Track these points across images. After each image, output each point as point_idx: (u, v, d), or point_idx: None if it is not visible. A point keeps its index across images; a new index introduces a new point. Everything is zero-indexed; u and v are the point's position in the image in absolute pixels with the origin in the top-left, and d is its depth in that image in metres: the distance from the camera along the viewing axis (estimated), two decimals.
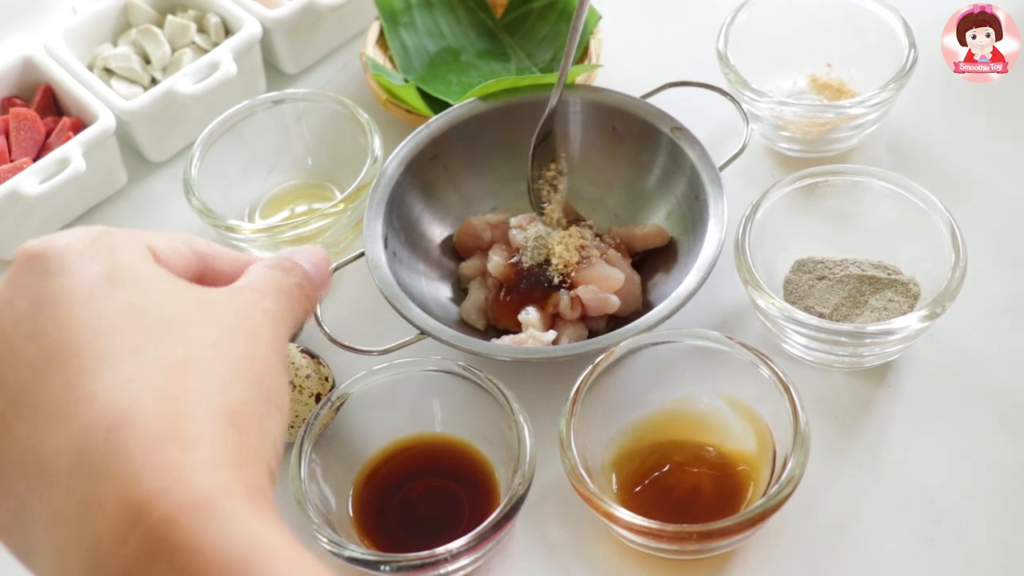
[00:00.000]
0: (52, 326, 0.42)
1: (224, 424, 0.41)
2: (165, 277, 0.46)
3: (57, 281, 0.44)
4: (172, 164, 0.79)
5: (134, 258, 0.45)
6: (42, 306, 0.43)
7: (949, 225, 0.62)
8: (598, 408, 0.58)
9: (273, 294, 0.49)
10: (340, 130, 0.74)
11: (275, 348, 0.46)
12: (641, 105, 0.71)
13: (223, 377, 0.43)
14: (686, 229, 0.68)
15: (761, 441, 0.59)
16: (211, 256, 0.50)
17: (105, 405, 0.40)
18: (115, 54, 0.78)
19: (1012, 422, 0.62)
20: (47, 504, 0.40)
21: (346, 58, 0.85)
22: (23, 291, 0.44)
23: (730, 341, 0.59)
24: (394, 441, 0.62)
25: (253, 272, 0.50)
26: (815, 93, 0.76)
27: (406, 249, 0.69)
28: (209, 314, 0.45)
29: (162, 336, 0.43)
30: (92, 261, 0.44)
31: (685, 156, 0.68)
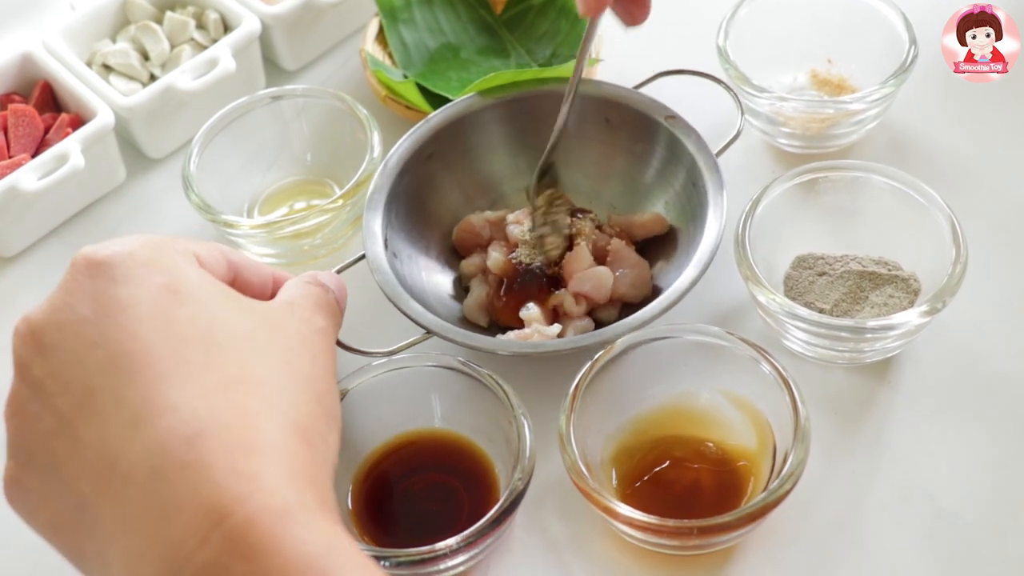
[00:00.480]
0: (120, 334, 0.44)
1: (296, 440, 0.44)
2: (225, 292, 0.48)
3: (123, 290, 0.45)
4: (171, 160, 0.79)
5: (194, 272, 0.47)
6: (108, 314, 0.45)
7: (950, 220, 0.62)
8: (598, 404, 0.58)
9: (321, 311, 0.52)
10: (339, 126, 0.74)
11: (330, 365, 0.49)
12: (633, 96, 0.70)
13: (292, 395, 0.45)
14: (686, 217, 0.68)
15: (761, 436, 0.59)
16: (241, 267, 0.53)
17: (184, 416, 0.42)
18: (114, 51, 0.78)
19: (1013, 417, 0.62)
20: (118, 506, 0.42)
21: (346, 54, 0.84)
22: (86, 297, 0.45)
23: (730, 336, 0.58)
24: (394, 437, 0.62)
25: (296, 289, 0.53)
26: (815, 89, 0.76)
27: (406, 247, 0.69)
28: (272, 332, 0.47)
29: (232, 353, 0.45)
30: (156, 273, 0.46)
31: (681, 144, 0.68)
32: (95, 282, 0.45)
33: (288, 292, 0.53)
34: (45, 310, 0.46)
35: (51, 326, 0.45)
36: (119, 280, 0.45)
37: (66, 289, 0.46)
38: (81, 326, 0.44)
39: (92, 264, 0.46)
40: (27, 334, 0.46)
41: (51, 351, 0.45)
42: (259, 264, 0.55)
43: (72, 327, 0.45)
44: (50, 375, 0.45)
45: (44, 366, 0.45)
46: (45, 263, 0.75)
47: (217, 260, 0.51)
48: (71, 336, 0.45)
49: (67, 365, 0.44)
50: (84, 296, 0.45)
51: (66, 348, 0.45)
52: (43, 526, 0.46)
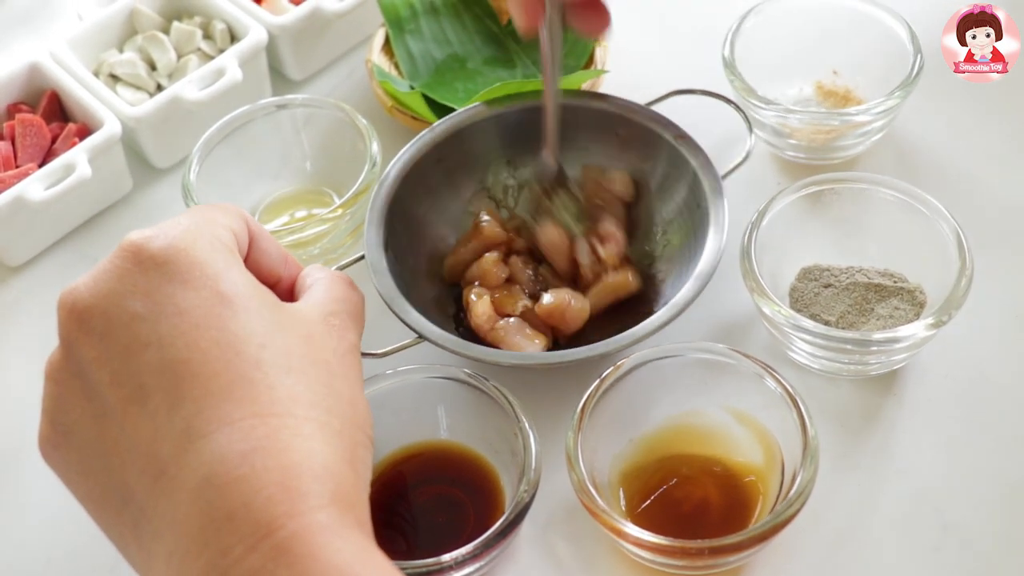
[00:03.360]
0: (177, 340, 0.45)
1: (343, 464, 0.45)
2: (270, 303, 0.48)
3: (178, 292, 0.46)
4: (177, 170, 0.79)
5: (240, 275, 0.48)
6: (163, 315, 0.45)
7: (955, 232, 0.62)
8: (604, 423, 0.58)
9: (353, 321, 0.53)
10: (341, 136, 0.74)
11: (361, 384, 0.51)
12: (645, 112, 0.70)
13: (338, 420, 0.47)
14: (688, 236, 0.67)
15: (768, 453, 0.58)
16: (259, 236, 0.53)
17: (239, 434, 0.43)
18: (121, 60, 0.78)
19: (1020, 430, 0.61)
20: (167, 508, 0.43)
21: (352, 65, 0.84)
22: (138, 292, 0.46)
23: (736, 354, 0.58)
24: (399, 448, 0.62)
25: (328, 291, 0.53)
26: (821, 100, 0.76)
27: (408, 253, 0.69)
28: (315, 352, 0.48)
29: (282, 374, 0.46)
30: (207, 276, 0.47)
31: (687, 164, 0.68)
32: (147, 277, 0.46)
33: (321, 293, 0.53)
34: (92, 292, 0.46)
35: (98, 312, 0.46)
36: (173, 280, 0.46)
37: (115, 276, 0.46)
38: (133, 322, 0.45)
39: (143, 256, 0.46)
40: (72, 311, 0.46)
41: (99, 338, 0.46)
42: (272, 237, 0.55)
43: (123, 320, 0.45)
44: (97, 360, 0.45)
45: (91, 350, 0.46)
46: (51, 273, 0.75)
47: (243, 229, 0.52)
48: (122, 328, 0.45)
49: (117, 356, 0.45)
50: (136, 290, 0.46)
51: (116, 339, 0.45)
52: (83, 498, 0.48)
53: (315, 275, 0.55)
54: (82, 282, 0.47)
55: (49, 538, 0.63)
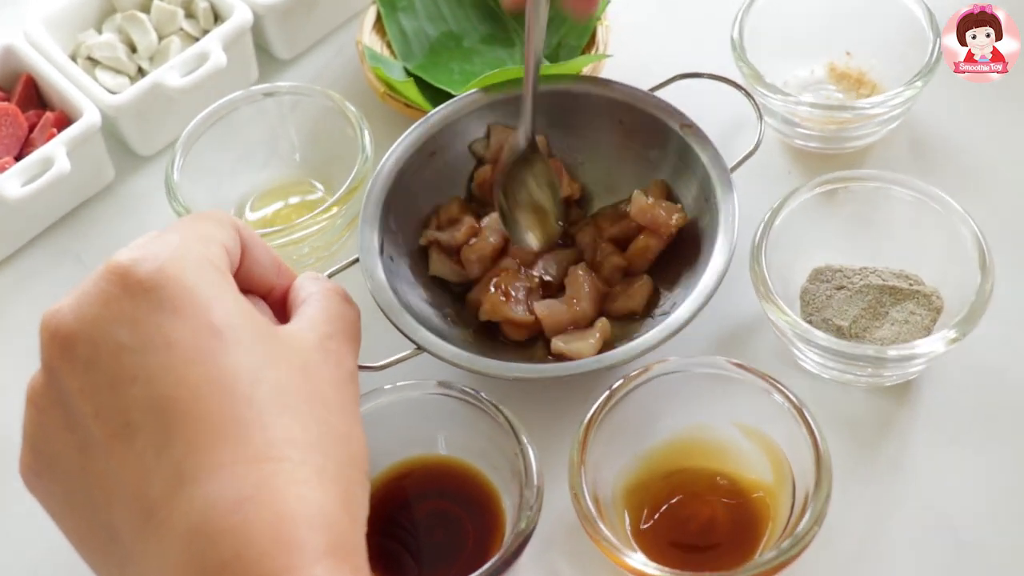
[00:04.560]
0: (165, 376, 0.43)
1: (338, 510, 0.43)
2: (263, 332, 0.46)
3: (167, 323, 0.43)
4: (161, 157, 0.76)
5: (233, 302, 0.46)
6: (151, 347, 0.43)
7: (975, 236, 0.59)
8: (608, 438, 0.56)
9: (351, 343, 0.50)
10: (330, 123, 0.71)
11: (358, 414, 0.48)
12: (649, 99, 0.67)
13: (334, 462, 0.44)
14: (697, 232, 0.65)
15: (778, 469, 0.56)
16: (251, 244, 0.51)
17: (231, 481, 0.42)
18: (100, 43, 0.74)
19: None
20: (155, 552, 0.42)
21: (342, 42, 0.81)
22: (124, 320, 0.43)
23: (742, 369, 0.56)
24: (396, 462, 0.60)
25: (321, 306, 0.50)
26: (833, 83, 0.73)
27: (405, 253, 0.66)
28: (311, 385, 0.46)
29: (276, 414, 0.44)
30: (198, 305, 0.44)
31: (695, 156, 0.65)
32: (134, 304, 0.43)
33: (316, 312, 0.50)
34: (77, 317, 0.44)
35: (84, 339, 0.43)
36: (162, 308, 0.43)
37: (101, 301, 0.44)
38: (120, 353, 0.43)
39: (131, 282, 0.44)
40: (55, 336, 0.44)
41: (83, 367, 0.43)
42: (265, 244, 0.53)
43: (109, 349, 0.43)
44: (81, 391, 0.43)
45: (75, 380, 0.44)
46: (32, 268, 0.73)
47: (235, 241, 0.49)
48: (108, 359, 0.43)
49: (103, 389, 0.43)
50: (123, 318, 0.43)
51: (101, 370, 0.43)
52: (68, 532, 0.46)
53: (309, 288, 0.52)
54: (66, 304, 0.45)
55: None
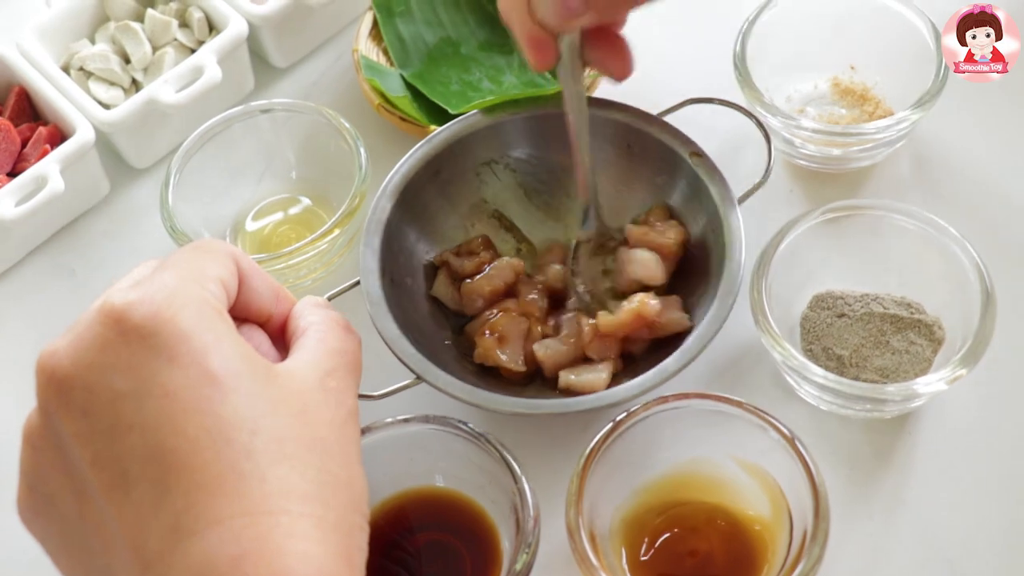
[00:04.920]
0: (163, 425, 0.42)
1: (339, 562, 0.43)
2: (262, 377, 0.45)
3: (164, 370, 0.43)
4: (157, 169, 0.75)
5: (231, 347, 0.45)
6: (148, 395, 0.42)
7: (979, 270, 0.59)
8: (606, 476, 0.56)
9: (352, 377, 0.49)
10: (326, 137, 0.70)
11: (359, 455, 0.47)
12: (658, 125, 0.66)
13: (335, 511, 0.44)
14: (703, 262, 0.64)
15: (776, 504, 0.56)
16: (249, 274, 0.50)
17: (230, 535, 0.41)
18: (93, 54, 0.73)
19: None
20: None
21: (340, 49, 0.80)
22: (121, 366, 0.43)
23: (739, 408, 0.55)
24: (395, 494, 0.60)
25: (321, 338, 0.50)
26: (837, 98, 0.72)
27: (406, 274, 0.65)
28: (310, 430, 0.45)
29: (275, 464, 0.43)
30: (196, 352, 0.43)
31: (704, 187, 0.64)
32: (131, 351, 0.43)
33: (315, 345, 0.49)
34: (74, 361, 0.43)
35: (80, 385, 0.43)
36: (159, 355, 0.43)
37: (97, 346, 0.43)
38: (116, 400, 0.43)
39: (127, 327, 0.43)
40: (52, 379, 0.44)
41: (80, 413, 0.43)
42: (264, 272, 0.52)
43: (105, 396, 0.43)
44: (77, 436, 0.43)
45: (71, 425, 0.43)
46: (26, 284, 0.72)
47: (233, 274, 0.49)
48: (104, 406, 0.43)
49: (99, 437, 0.43)
50: (119, 365, 0.43)
51: (98, 417, 0.43)
52: (63, 570, 0.46)
53: (308, 317, 0.52)
54: (62, 347, 0.44)
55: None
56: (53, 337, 0.45)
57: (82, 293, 0.71)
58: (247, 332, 0.50)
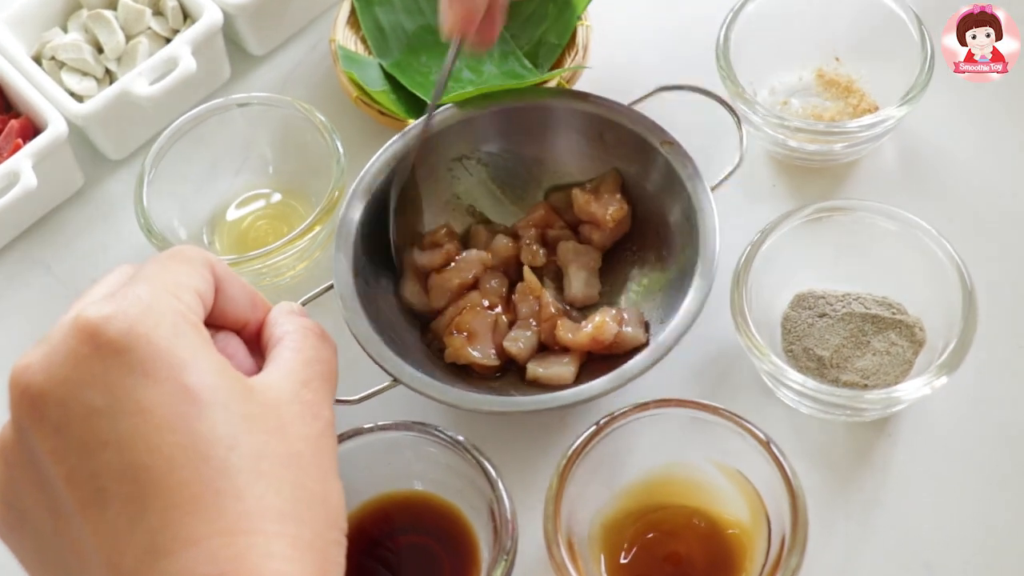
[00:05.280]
0: (138, 442, 0.42)
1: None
2: (238, 393, 0.45)
3: (140, 386, 0.42)
4: (133, 159, 0.74)
5: (207, 362, 0.44)
6: (123, 412, 0.42)
7: (960, 273, 0.58)
8: (585, 481, 0.55)
9: (326, 383, 0.49)
10: (302, 133, 0.69)
11: (335, 467, 0.47)
12: (630, 114, 0.65)
13: (310, 528, 0.44)
14: (677, 252, 0.63)
15: (754, 507, 0.56)
16: (225, 281, 0.49)
17: (206, 556, 0.41)
18: (65, 44, 0.72)
19: (1015, 478, 0.59)
20: None
21: (317, 35, 0.78)
22: (96, 383, 0.42)
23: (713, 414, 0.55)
24: (373, 497, 0.59)
25: (296, 347, 0.49)
26: (821, 89, 0.71)
27: (381, 275, 0.64)
28: (286, 445, 0.45)
29: (251, 482, 0.43)
30: (172, 367, 0.43)
31: (676, 176, 0.63)
32: (105, 366, 0.42)
33: (291, 356, 0.49)
34: (47, 376, 0.43)
35: (54, 401, 0.43)
36: (133, 371, 0.42)
37: (71, 361, 0.43)
38: (91, 417, 0.42)
39: (101, 342, 0.43)
40: (25, 394, 0.43)
41: (54, 430, 0.43)
42: (240, 279, 0.51)
43: (80, 413, 0.42)
44: (52, 453, 0.43)
45: (45, 441, 0.43)
46: (0, 279, 0.71)
47: (209, 283, 0.48)
48: (79, 423, 0.42)
49: (74, 453, 0.42)
50: (94, 381, 0.42)
51: (73, 434, 0.42)
52: None
53: (283, 326, 0.51)
54: (35, 360, 0.43)
55: None
56: (29, 335, 0.44)
57: (58, 290, 0.70)
58: (223, 340, 0.50)
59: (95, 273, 0.71)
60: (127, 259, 0.69)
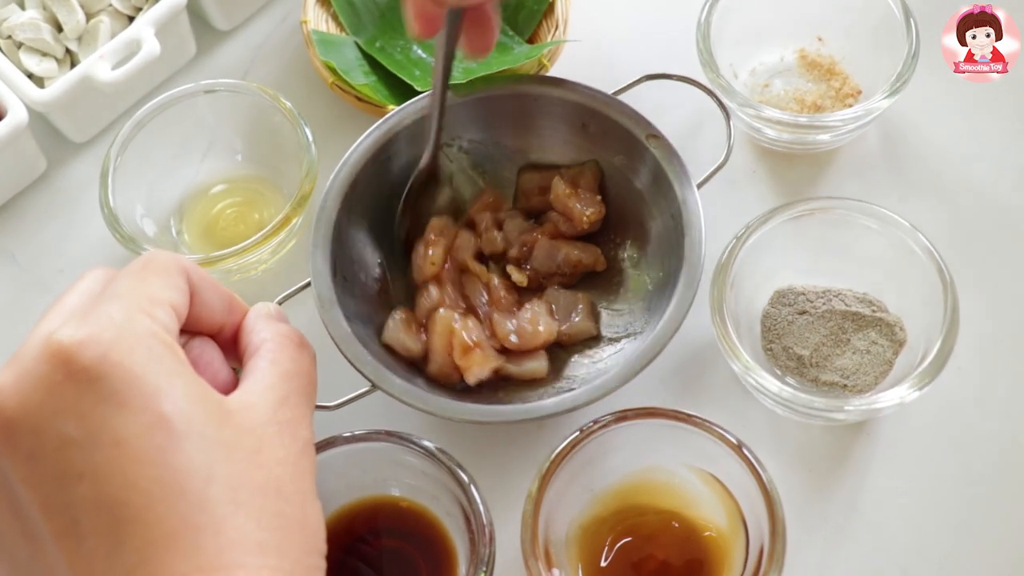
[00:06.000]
0: (114, 476, 0.41)
1: None
2: (216, 415, 0.44)
3: (115, 416, 0.41)
4: (97, 141, 0.72)
5: (183, 389, 0.43)
6: (98, 444, 0.41)
7: (942, 275, 0.57)
8: (561, 489, 0.55)
9: (304, 398, 0.48)
10: (269, 118, 0.67)
11: (314, 487, 0.46)
12: (614, 104, 0.63)
13: (290, 557, 0.43)
14: (663, 251, 0.62)
15: (730, 512, 0.56)
16: (201, 287, 0.48)
17: None
18: (22, 23, 0.69)
19: (993, 481, 0.59)
20: None
21: (286, 9, 0.76)
22: (70, 412, 0.41)
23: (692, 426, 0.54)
24: (349, 503, 0.59)
25: (273, 359, 0.48)
26: (804, 71, 0.70)
27: (360, 270, 0.63)
28: (265, 468, 0.44)
29: (230, 514, 0.42)
30: (148, 396, 0.42)
31: (661, 171, 0.62)
32: (79, 394, 0.41)
33: (268, 369, 0.48)
34: (19, 402, 0.42)
35: (27, 428, 0.42)
36: (108, 401, 0.41)
37: (44, 388, 0.42)
38: (65, 446, 0.41)
39: (74, 369, 0.42)
40: None
41: (27, 457, 0.42)
42: (216, 283, 0.50)
43: (53, 443, 0.41)
44: (25, 481, 0.42)
45: (19, 469, 0.42)
46: None
47: (184, 293, 0.47)
48: (53, 452, 0.41)
49: (48, 483, 0.42)
50: (67, 409, 0.41)
51: (47, 463, 0.41)
52: None
53: (261, 333, 0.50)
54: (7, 384, 0.42)
55: None
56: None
57: (23, 278, 0.69)
58: (199, 346, 0.49)
59: (60, 262, 0.69)
60: (93, 245, 0.69)
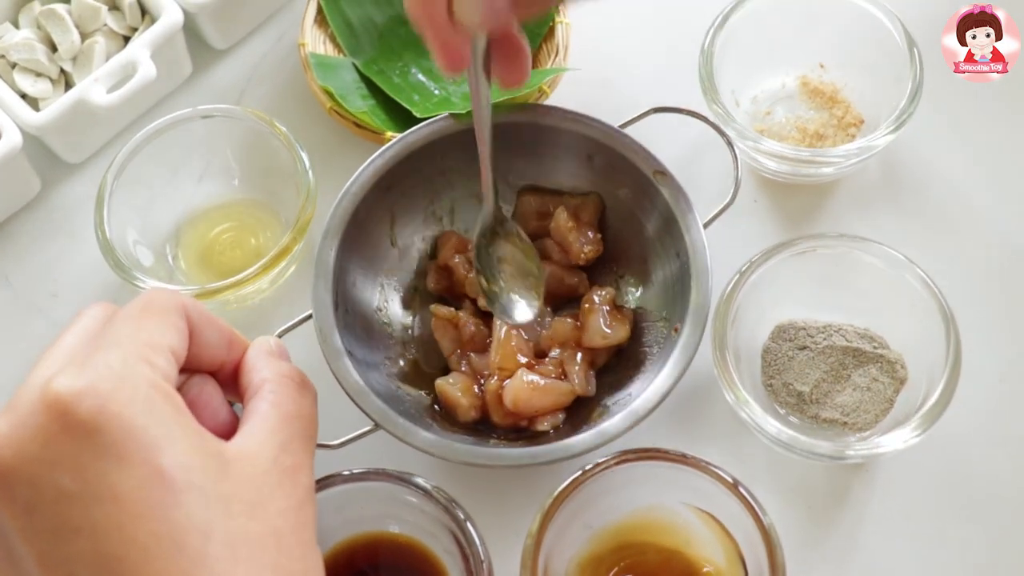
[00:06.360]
0: (112, 531, 0.41)
1: None
2: (215, 469, 0.43)
3: (113, 471, 0.41)
4: (91, 163, 0.71)
5: (182, 442, 0.43)
6: (96, 499, 0.41)
7: (943, 313, 0.57)
8: (562, 526, 0.55)
9: (305, 442, 0.48)
10: (266, 142, 0.66)
11: (315, 536, 0.46)
12: (620, 139, 0.62)
13: None
14: (667, 292, 0.62)
15: (728, 550, 0.56)
16: (200, 326, 0.48)
17: None
18: (16, 43, 0.68)
19: (994, 519, 0.59)
20: None
21: (282, 28, 0.75)
22: (67, 465, 0.41)
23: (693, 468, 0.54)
24: (348, 537, 0.59)
25: (274, 402, 0.48)
26: (806, 98, 0.69)
27: (361, 301, 0.63)
28: (265, 520, 0.44)
29: (232, 567, 0.42)
30: (145, 449, 0.41)
31: (669, 210, 0.61)
32: (76, 447, 0.41)
33: (268, 412, 0.48)
34: (16, 453, 0.41)
35: (24, 480, 0.41)
36: (106, 455, 0.41)
37: (41, 440, 0.41)
38: (62, 500, 0.41)
39: (71, 422, 0.41)
40: None
41: (23, 509, 0.41)
42: (216, 320, 0.49)
43: (50, 496, 0.41)
44: (22, 532, 0.42)
45: (15, 520, 0.42)
46: None
47: (181, 340, 0.46)
48: (50, 505, 0.41)
49: (44, 535, 0.41)
50: (64, 462, 0.41)
51: (44, 516, 0.41)
52: None
53: (262, 371, 0.49)
54: (3, 433, 0.42)
55: None
56: None
57: (16, 302, 0.68)
58: (198, 385, 0.48)
59: (54, 286, 0.68)
60: (87, 268, 0.68)
